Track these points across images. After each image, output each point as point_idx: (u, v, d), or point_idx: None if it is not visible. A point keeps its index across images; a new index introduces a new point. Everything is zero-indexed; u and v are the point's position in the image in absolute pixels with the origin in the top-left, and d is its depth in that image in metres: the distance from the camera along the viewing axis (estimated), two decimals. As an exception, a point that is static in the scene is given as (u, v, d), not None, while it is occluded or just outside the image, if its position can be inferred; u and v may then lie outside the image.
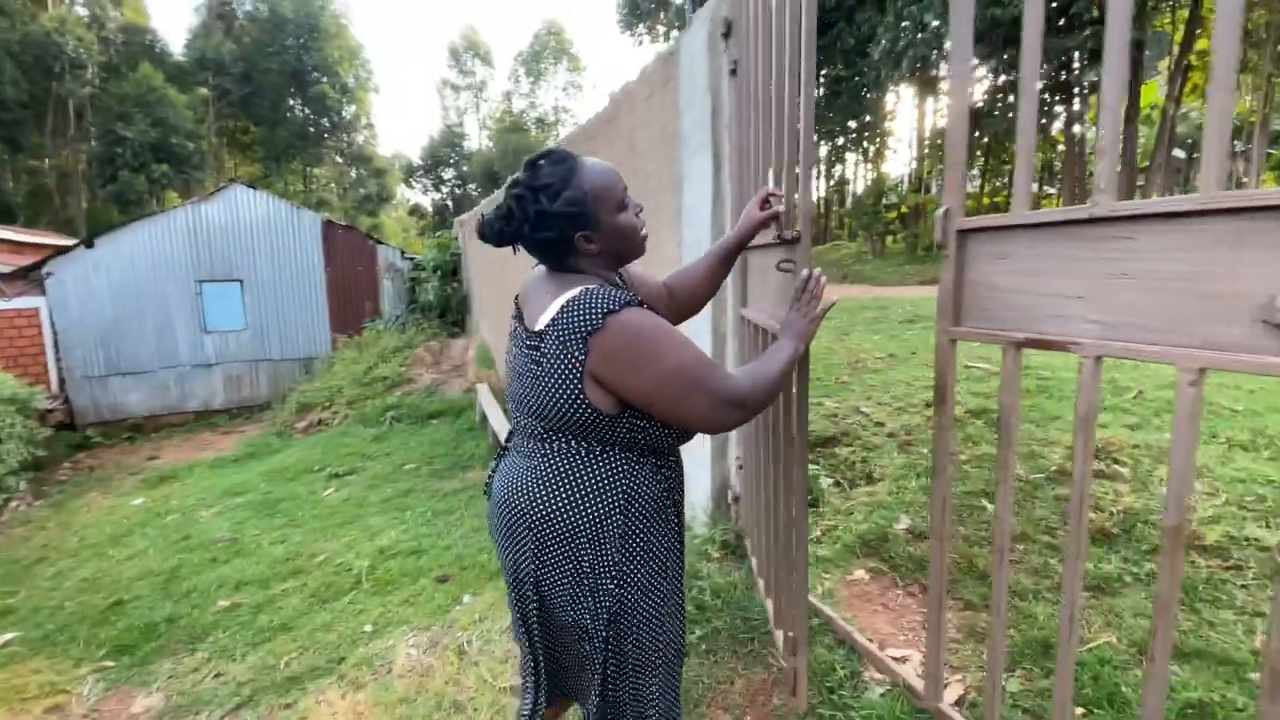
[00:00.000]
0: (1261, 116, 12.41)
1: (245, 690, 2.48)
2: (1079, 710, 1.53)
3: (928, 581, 2.13)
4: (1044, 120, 13.57)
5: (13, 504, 5.76)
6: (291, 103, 30.95)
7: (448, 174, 38.04)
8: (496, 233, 1.13)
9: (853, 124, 22.07)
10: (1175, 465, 1.05)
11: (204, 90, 28.71)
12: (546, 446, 1.12)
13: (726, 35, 2.24)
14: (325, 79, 30.51)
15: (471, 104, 39.74)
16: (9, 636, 3.31)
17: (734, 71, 2.27)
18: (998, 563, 1.38)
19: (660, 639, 1.19)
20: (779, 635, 1.95)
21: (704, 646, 2.15)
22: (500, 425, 5.17)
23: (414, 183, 39.03)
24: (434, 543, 3.67)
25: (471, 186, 36.04)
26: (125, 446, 8.15)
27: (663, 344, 1.05)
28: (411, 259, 10.23)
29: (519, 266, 5.42)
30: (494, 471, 1.26)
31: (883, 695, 1.73)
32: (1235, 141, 14.08)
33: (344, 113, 32.26)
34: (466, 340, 9.05)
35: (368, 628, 2.82)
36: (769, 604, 2.07)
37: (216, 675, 2.67)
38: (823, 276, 1.34)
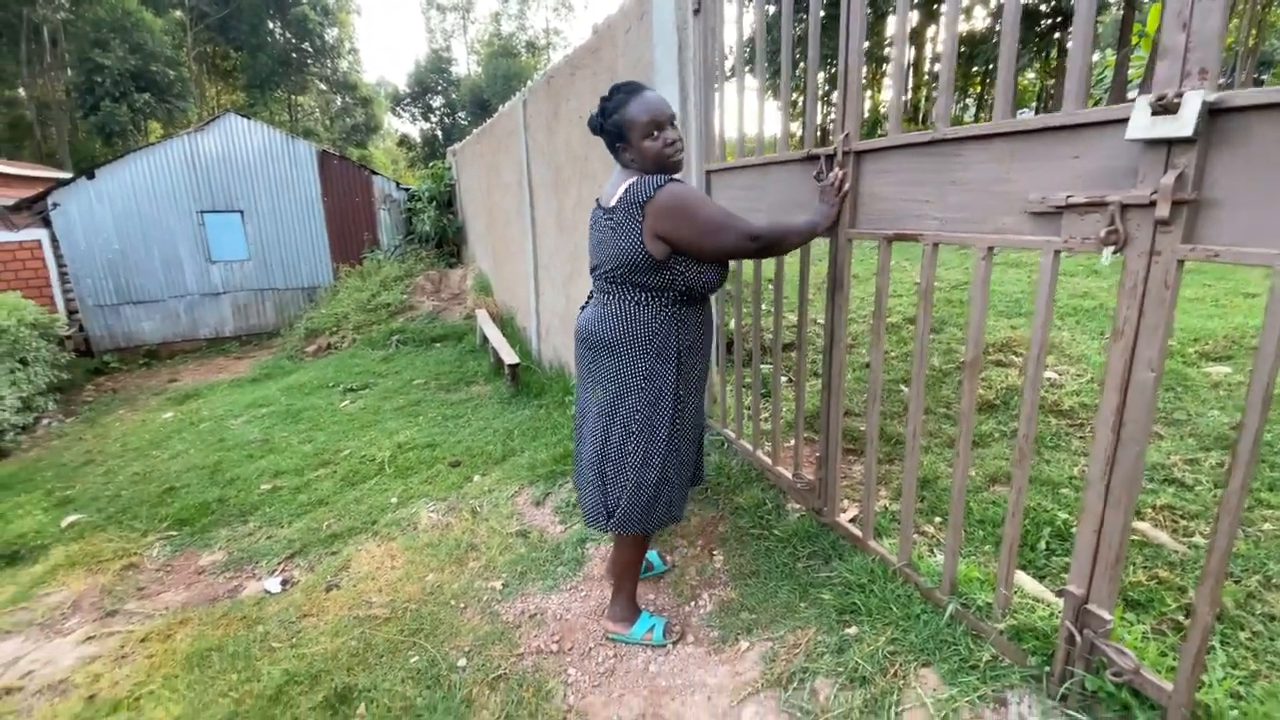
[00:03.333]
0: (1246, 46, 12.32)
1: (295, 545, 3.02)
2: (937, 519, 2.06)
3: (849, 445, 2.65)
4: (1041, 49, 13.41)
5: (44, 421, 6.25)
6: (271, 26, 29.68)
7: (436, 102, 36.90)
8: (591, 125, 1.74)
9: (852, 49, 21.41)
10: (974, 317, 1.50)
11: (179, 14, 27.50)
12: (614, 296, 1.73)
13: (691, -22, 2.53)
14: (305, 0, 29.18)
15: (459, 26, 38.11)
16: (75, 517, 3.80)
17: (698, 11, 2.57)
18: (870, 406, 1.86)
19: (671, 430, 1.76)
20: (781, 472, 2.43)
21: (669, 498, 2.67)
22: (501, 345, 5.62)
23: (401, 111, 37.88)
24: (446, 439, 4.19)
25: (461, 115, 35.02)
26: (143, 371, 8.60)
27: (697, 203, 1.62)
28: (407, 190, 10.39)
29: (508, 199, 5.78)
30: (582, 314, 1.89)
31: (798, 518, 2.26)
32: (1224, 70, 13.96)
33: (326, 36, 30.99)
34: (464, 269, 9.37)
35: (393, 500, 3.36)
36: (764, 457, 2.54)
37: (268, 537, 3.21)
38: (845, 175, 1.81)
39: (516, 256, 6.27)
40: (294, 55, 30.84)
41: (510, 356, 5.20)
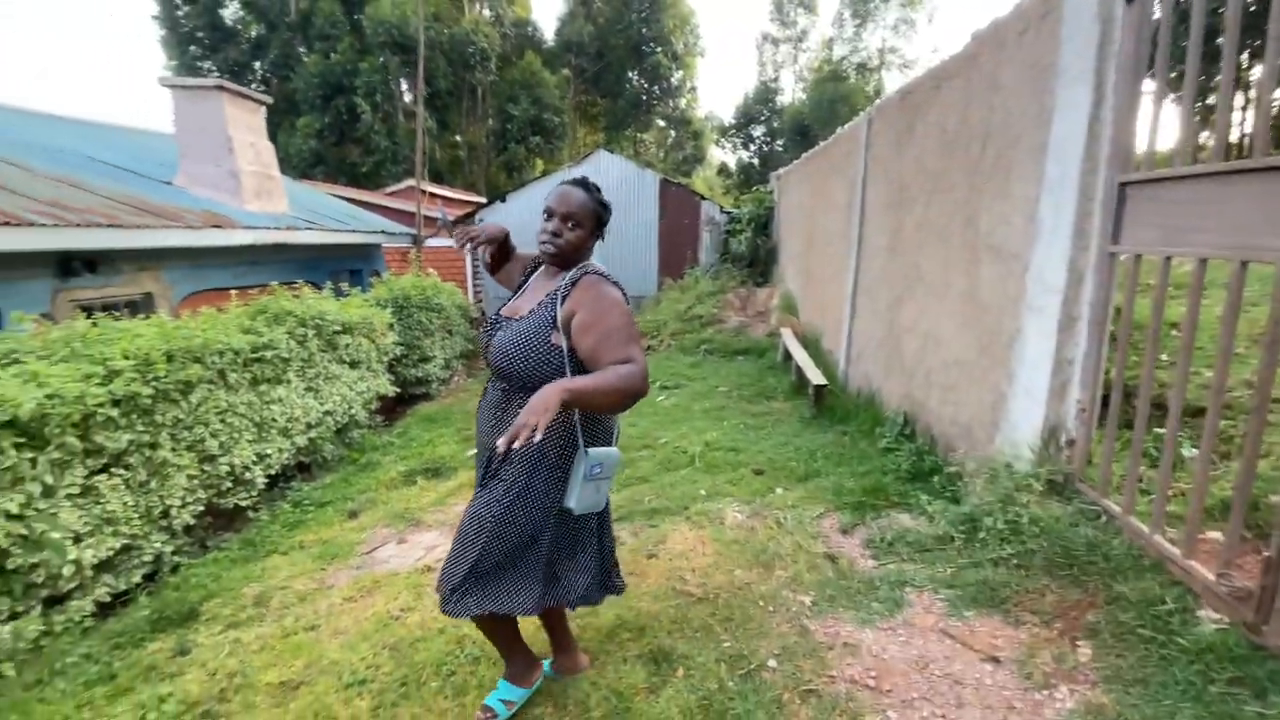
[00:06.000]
0: None
1: (622, 510, 3.42)
2: None
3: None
4: None
5: (454, 378, 8.33)
6: (630, 74, 34.80)
7: (758, 131, 38.66)
8: None
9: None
10: None
11: (566, 71, 34.14)
12: None
13: (1131, -42, 2.15)
14: (660, 49, 33.46)
15: (789, 56, 39.28)
16: (474, 451, 4.92)
17: (1130, 0, 2.17)
18: None
19: None
20: (1195, 568, 1.94)
21: (1015, 561, 2.31)
22: (806, 365, 5.59)
23: (725, 142, 40.61)
24: (748, 446, 4.32)
25: (779, 143, 36.05)
26: (513, 351, 10.91)
27: None
28: (729, 213, 11.12)
29: (833, 221, 5.73)
30: None
31: (1216, 630, 1.72)
32: None
33: (672, 79, 35.04)
34: (770, 289, 9.60)
35: (701, 492, 3.58)
36: (1167, 545, 2.01)
37: (600, 501, 3.71)
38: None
39: (833, 279, 6.16)
40: (644, 98, 35.62)
41: (817, 377, 5.12)
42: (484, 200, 12.78)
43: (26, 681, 2.38)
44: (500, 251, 1.93)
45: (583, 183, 1.69)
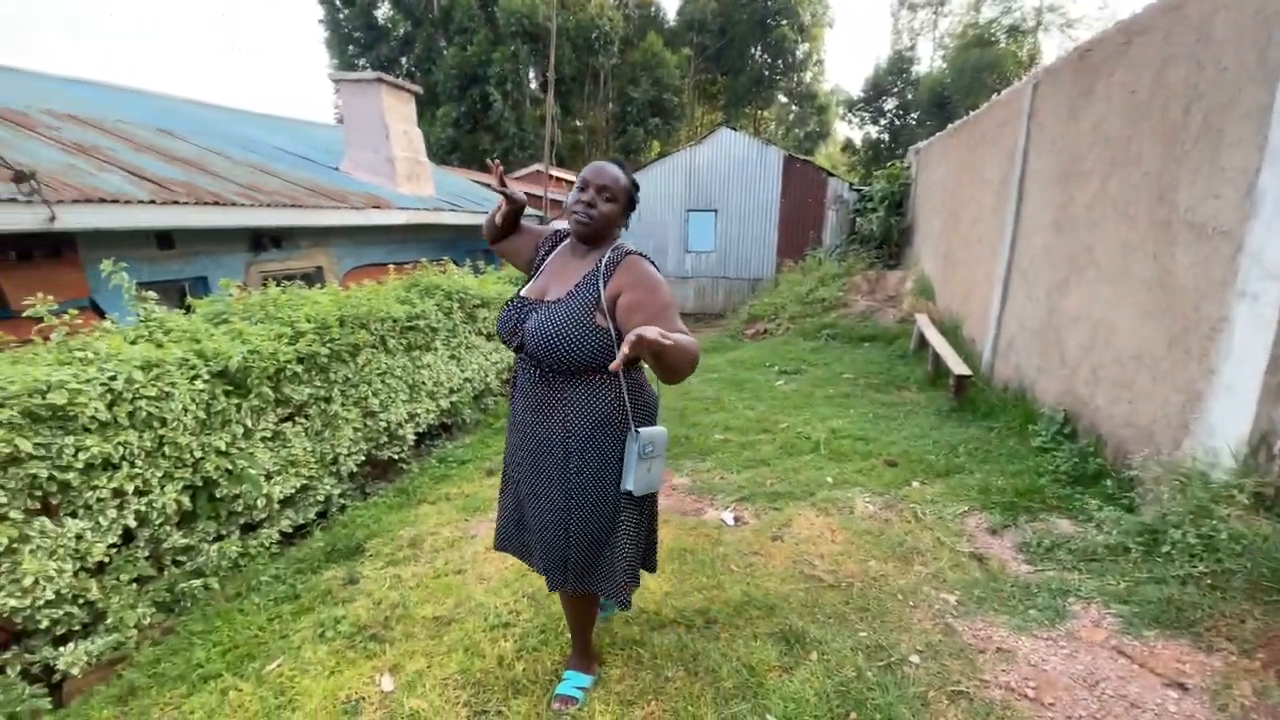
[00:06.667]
0: None
1: (744, 491, 3.40)
2: None
3: None
4: None
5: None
6: (753, 50, 33.76)
7: (889, 105, 36.15)
8: None
9: None
10: None
11: (687, 50, 33.75)
12: None
13: None
14: (785, 21, 32.14)
15: (929, 22, 36.20)
16: None
17: None
18: None
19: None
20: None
21: (1208, 581, 2.03)
22: (947, 354, 5.21)
23: (852, 117, 38.41)
24: (878, 436, 4.12)
25: (913, 116, 33.50)
26: (628, 331, 11.12)
27: None
28: (858, 190, 10.54)
29: (982, 196, 5.26)
30: None
31: None
32: None
33: (797, 52, 33.59)
34: (903, 272, 9.01)
35: (828, 479, 3.47)
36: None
37: (721, 478, 3.69)
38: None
39: (979, 260, 5.66)
40: (766, 73, 34.46)
41: (960, 367, 4.76)
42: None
43: (228, 594, 2.79)
44: (513, 220, 1.89)
45: (617, 160, 1.68)
